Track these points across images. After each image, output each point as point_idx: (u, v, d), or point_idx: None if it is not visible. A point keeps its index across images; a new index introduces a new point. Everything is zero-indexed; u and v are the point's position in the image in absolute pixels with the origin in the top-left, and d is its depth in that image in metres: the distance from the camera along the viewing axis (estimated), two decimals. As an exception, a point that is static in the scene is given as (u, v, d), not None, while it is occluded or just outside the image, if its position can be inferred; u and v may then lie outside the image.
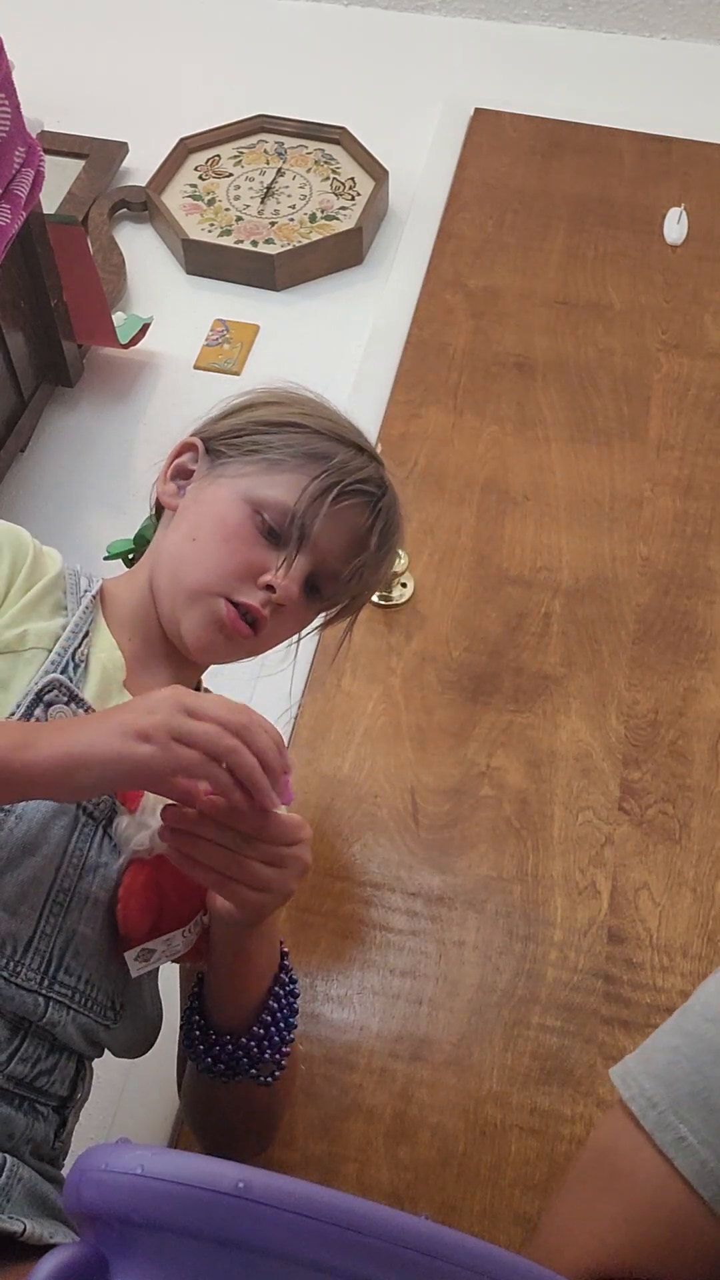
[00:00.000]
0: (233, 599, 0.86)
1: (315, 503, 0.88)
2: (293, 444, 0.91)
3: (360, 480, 0.90)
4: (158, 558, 0.92)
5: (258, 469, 0.90)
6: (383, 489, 0.93)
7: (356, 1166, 1.14)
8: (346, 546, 0.91)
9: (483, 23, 2.49)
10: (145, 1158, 0.34)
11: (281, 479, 0.89)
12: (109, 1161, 0.34)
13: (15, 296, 1.61)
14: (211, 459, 0.94)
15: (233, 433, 0.94)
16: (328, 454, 0.91)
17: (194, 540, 0.88)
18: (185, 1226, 0.32)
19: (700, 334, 1.88)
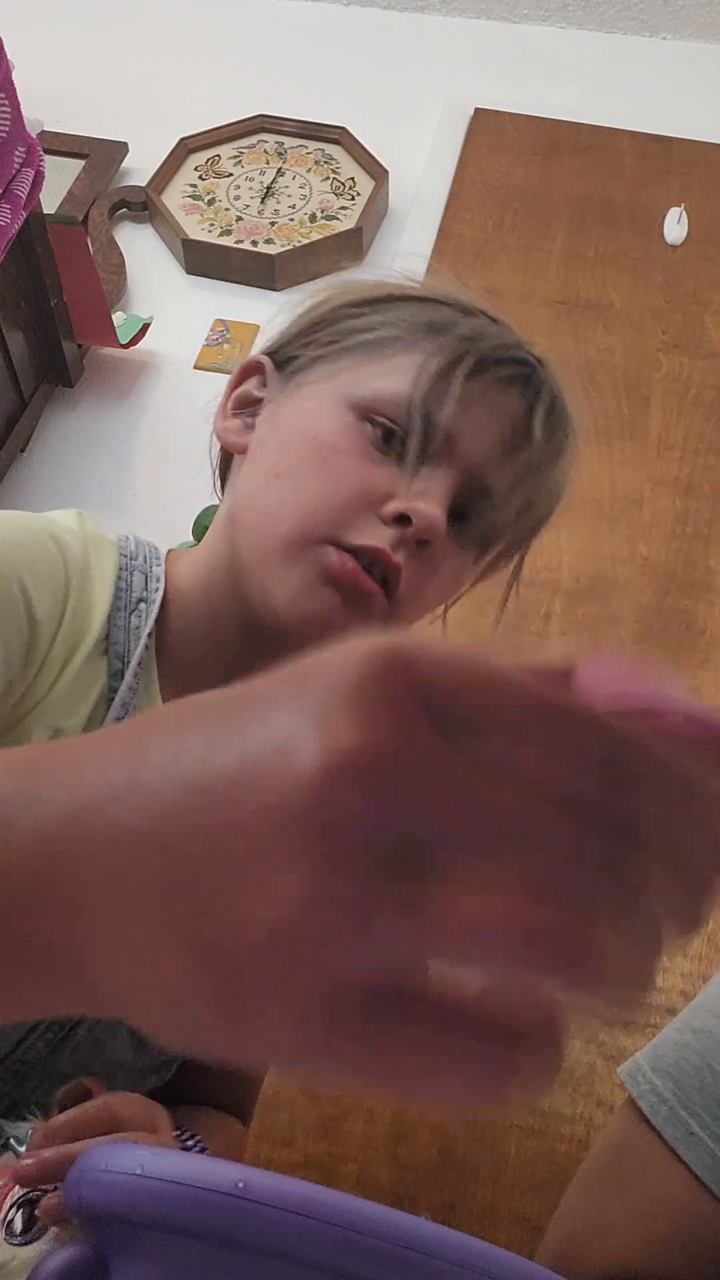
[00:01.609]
0: (346, 542, 0.59)
1: (442, 380, 0.61)
2: (400, 319, 0.65)
3: (503, 346, 0.66)
4: (231, 520, 0.66)
5: (354, 361, 0.64)
6: (536, 357, 0.68)
7: (356, 1166, 1.14)
8: (500, 447, 0.64)
9: (483, 23, 2.49)
10: (145, 1158, 0.34)
11: (393, 365, 0.63)
12: (109, 1162, 0.34)
13: (15, 296, 1.61)
14: (285, 375, 0.68)
15: (311, 327, 0.69)
16: (449, 322, 0.65)
17: (278, 476, 0.63)
18: (185, 1226, 0.32)
19: (700, 334, 1.88)
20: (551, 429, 0.66)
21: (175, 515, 1.65)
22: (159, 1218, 0.33)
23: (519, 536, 0.70)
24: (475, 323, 0.66)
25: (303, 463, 0.62)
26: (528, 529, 0.70)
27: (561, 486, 0.69)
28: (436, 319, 0.65)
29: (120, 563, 0.65)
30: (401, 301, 0.67)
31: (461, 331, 0.64)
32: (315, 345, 0.67)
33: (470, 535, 0.65)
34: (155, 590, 0.65)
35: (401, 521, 0.60)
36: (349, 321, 0.66)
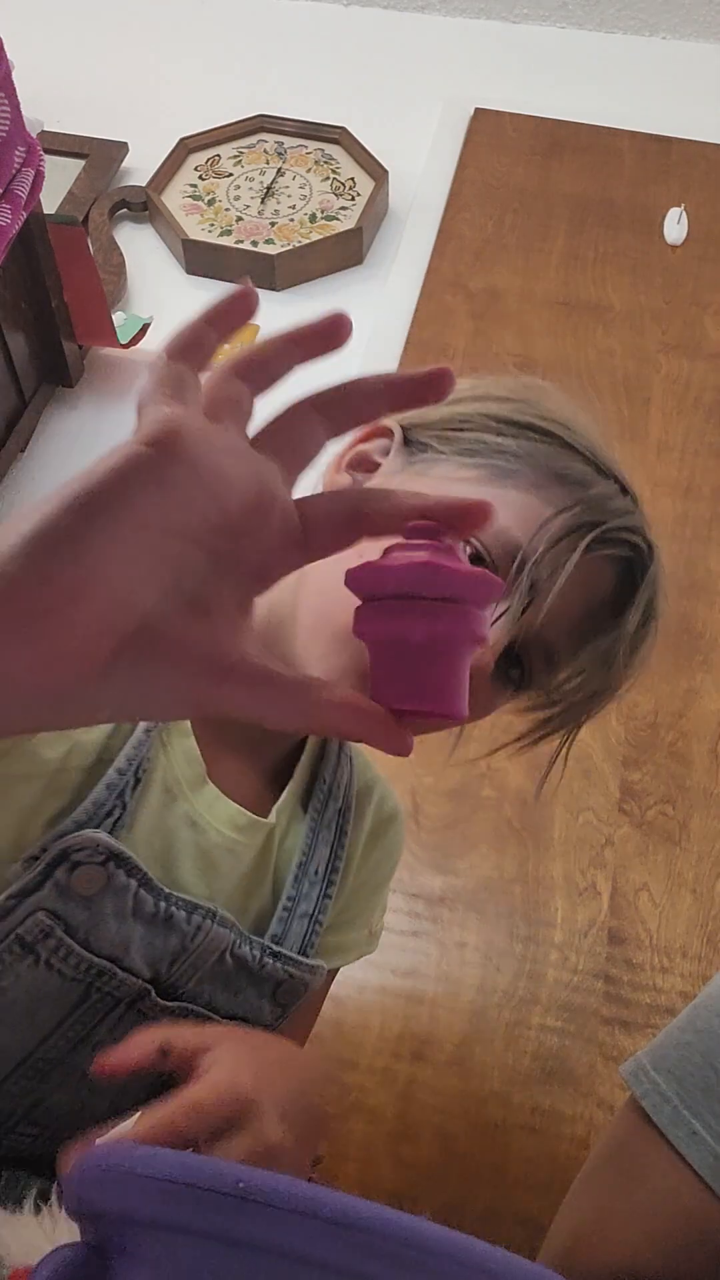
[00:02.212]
0: None
1: (560, 545, 0.61)
2: (536, 455, 0.65)
3: (626, 528, 0.64)
4: (302, 576, 0.60)
5: (478, 476, 0.64)
6: (650, 547, 0.67)
7: (358, 1166, 1.14)
8: (577, 619, 0.64)
9: (483, 23, 2.49)
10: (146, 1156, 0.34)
11: (510, 497, 0.63)
12: (110, 1160, 0.34)
13: (15, 296, 1.61)
14: (411, 453, 0.68)
15: (451, 423, 0.67)
16: (583, 480, 0.65)
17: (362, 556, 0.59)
18: (186, 1225, 0.32)
19: (700, 335, 1.88)
20: (644, 622, 0.66)
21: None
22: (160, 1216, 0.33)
23: (577, 708, 0.69)
24: (605, 489, 0.65)
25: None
26: (587, 705, 0.69)
27: (633, 676, 0.68)
28: (571, 471, 0.65)
29: None
30: (544, 436, 0.66)
31: (590, 495, 0.64)
32: (449, 443, 0.66)
33: (510, 682, 0.66)
34: None
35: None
36: (488, 436, 0.66)
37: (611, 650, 0.65)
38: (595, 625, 0.65)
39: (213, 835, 0.67)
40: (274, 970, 0.71)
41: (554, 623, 0.63)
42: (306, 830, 0.74)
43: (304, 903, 0.73)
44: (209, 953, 0.67)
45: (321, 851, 0.74)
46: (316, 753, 0.76)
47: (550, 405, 0.69)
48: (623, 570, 0.65)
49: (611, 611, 0.65)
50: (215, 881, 0.67)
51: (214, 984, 0.69)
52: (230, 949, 0.68)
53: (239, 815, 0.68)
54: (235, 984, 0.70)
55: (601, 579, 0.65)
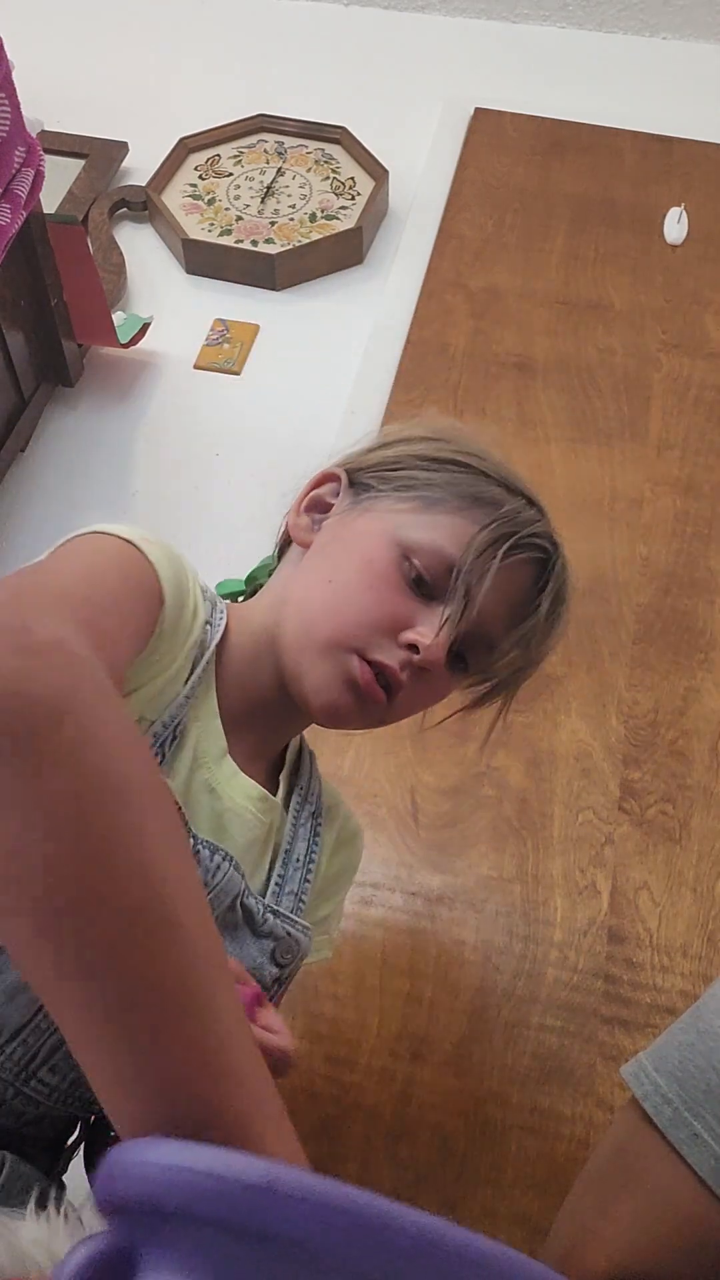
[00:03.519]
0: (368, 656, 0.74)
1: (484, 555, 0.75)
2: (457, 484, 0.78)
3: (534, 534, 0.79)
4: (284, 600, 0.79)
5: (412, 507, 0.78)
6: (555, 547, 0.82)
7: (357, 1166, 1.14)
8: (507, 611, 0.78)
9: (483, 23, 2.49)
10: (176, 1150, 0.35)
11: (440, 521, 0.77)
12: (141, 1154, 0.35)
13: (15, 296, 1.61)
14: (356, 493, 0.82)
15: (386, 465, 0.82)
16: (497, 500, 0.78)
17: (331, 583, 0.76)
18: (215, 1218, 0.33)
19: (700, 334, 1.88)
20: (553, 608, 0.81)
21: (175, 515, 1.66)
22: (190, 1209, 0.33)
23: (507, 682, 0.84)
24: (516, 504, 0.79)
25: (353, 580, 0.76)
26: (515, 679, 0.84)
27: (549, 651, 0.84)
28: (486, 494, 0.78)
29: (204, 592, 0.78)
30: (461, 468, 0.79)
31: (504, 512, 0.78)
32: (386, 482, 0.80)
33: (461, 669, 0.80)
34: (220, 618, 0.78)
35: (412, 649, 0.74)
36: (417, 472, 0.79)
37: (529, 633, 0.79)
38: (519, 615, 0.79)
39: (227, 802, 0.76)
40: (274, 926, 0.78)
41: (488, 618, 0.77)
42: (289, 824, 0.84)
43: (290, 882, 0.83)
44: (224, 894, 0.74)
45: (300, 845, 0.84)
46: (294, 762, 0.87)
47: (464, 440, 0.84)
48: (537, 568, 0.80)
49: (530, 603, 0.79)
50: (225, 845, 0.74)
51: (224, 931, 0.74)
52: (240, 897, 0.75)
53: (253, 789, 0.78)
54: (240, 936, 0.77)
55: (521, 577, 0.79)
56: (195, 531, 1.60)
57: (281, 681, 0.78)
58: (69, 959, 0.41)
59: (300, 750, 0.89)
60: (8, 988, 0.69)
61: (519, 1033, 1.21)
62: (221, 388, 1.82)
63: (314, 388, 1.81)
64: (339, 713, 0.75)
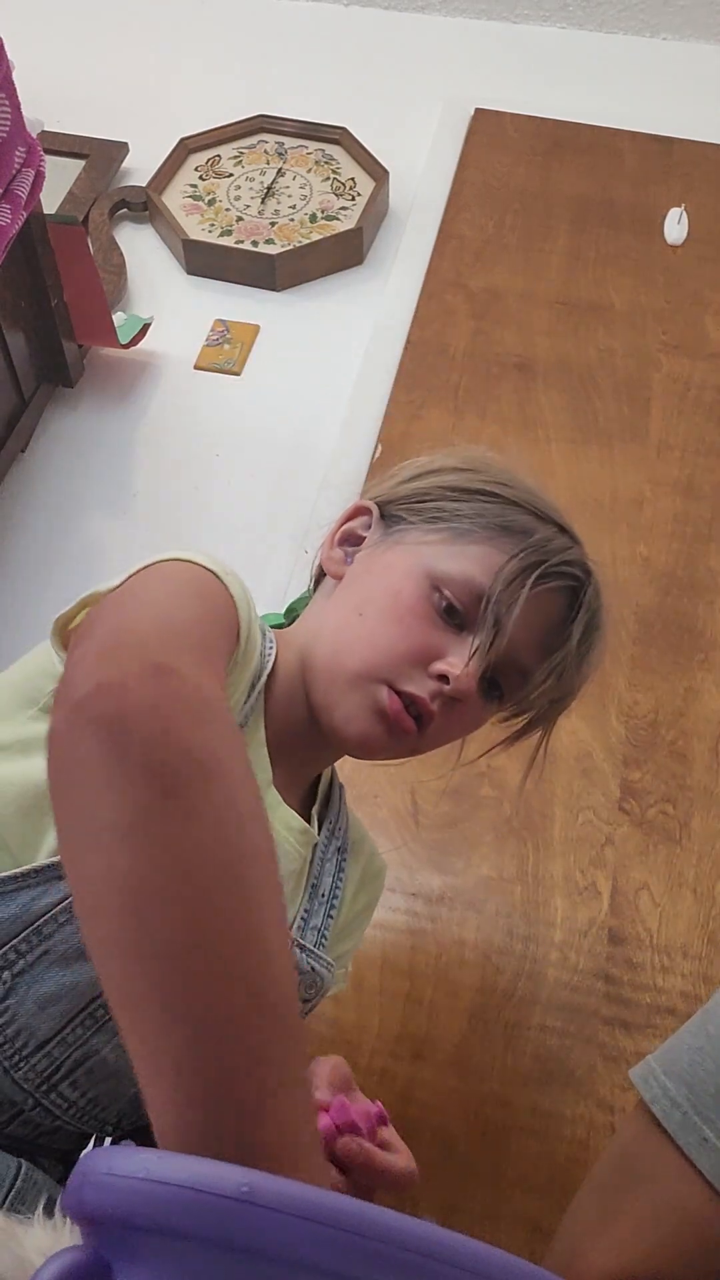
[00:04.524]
0: (397, 687, 0.74)
1: (513, 585, 0.75)
2: (485, 514, 0.79)
3: (565, 562, 0.78)
4: (316, 632, 0.80)
5: (441, 539, 0.78)
6: (588, 575, 0.80)
7: (357, 1167, 1.14)
8: (539, 641, 0.78)
9: (483, 23, 2.49)
10: (150, 1161, 0.33)
11: (470, 551, 0.77)
12: (112, 1165, 0.34)
13: (15, 296, 1.61)
14: (387, 525, 0.82)
15: (415, 497, 0.82)
16: (526, 529, 0.78)
17: (361, 615, 0.77)
18: (190, 1230, 0.32)
19: (701, 334, 1.88)
20: (585, 637, 0.79)
21: (175, 515, 1.66)
22: (163, 1222, 0.32)
23: (543, 714, 0.83)
24: (546, 533, 0.79)
25: (382, 612, 0.76)
26: (551, 710, 0.83)
27: (585, 680, 0.82)
28: (515, 523, 0.78)
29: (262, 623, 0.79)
30: (491, 498, 0.79)
31: (533, 541, 0.77)
32: (416, 514, 0.80)
33: (495, 699, 0.79)
34: (271, 649, 0.79)
35: (442, 679, 0.74)
36: (443, 503, 0.79)
37: (561, 664, 0.78)
38: (554, 642, 0.78)
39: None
40: (299, 961, 0.78)
41: (520, 647, 0.77)
42: (317, 857, 0.84)
43: (315, 916, 0.83)
44: None
45: (326, 880, 0.85)
46: (325, 795, 0.88)
47: (493, 470, 0.83)
48: (569, 596, 0.79)
49: (563, 631, 0.78)
50: None
51: None
52: None
53: (294, 820, 0.79)
54: None
55: (553, 606, 0.78)
56: (195, 531, 1.60)
57: (313, 713, 0.78)
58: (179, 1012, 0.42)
59: (331, 783, 0.89)
60: (40, 998, 0.69)
61: (519, 1034, 1.21)
62: (221, 388, 1.82)
63: (314, 388, 1.81)
64: (369, 744, 0.76)
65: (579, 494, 1.68)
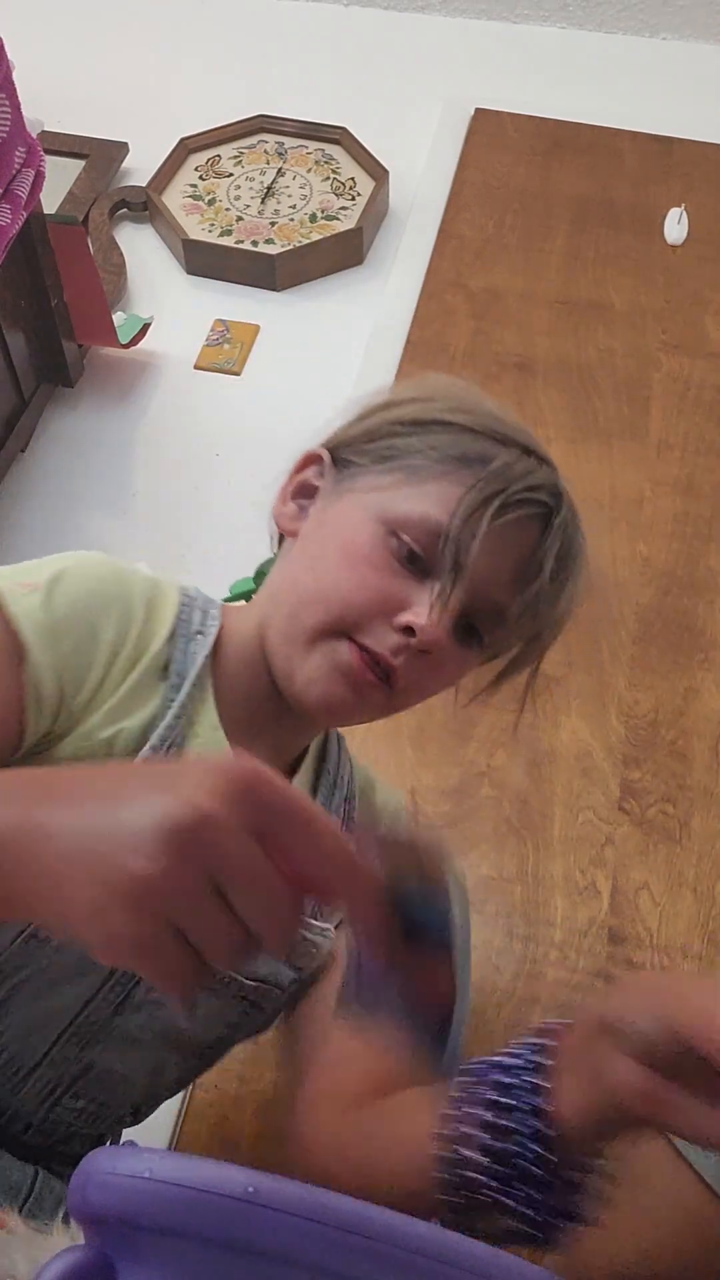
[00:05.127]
0: (359, 641, 0.69)
1: (472, 518, 0.68)
2: (439, 446, 0.71)
3: (529, 488, 0.71)
4: (271, 597, 0.75)
5: (395, 480, 0.71)
6: (557, 499, 0.73)
7: (357, 1167, 1.14)
8: (511, 575, 0.71)
9: (483, 23, 2.49)
10: (153, 1161, 0.34)
11: (425, 490, 0.70)
12: (116, 1165, 0.34)
13: (15, 296, 1.61)
14: (339, 472, 0.75)
15: (364, 436, 0.75)
16: (484, 456, 0.71)
17: (314, 572, 0.71)
18: (194, 1231, 0.32)
19: (700, 334, 1.88)
20: (560, 566, 0.72)
21: (175, 515, 1.66)
22: (168, 1222, 0.33)
23: (529, 652, 0.77)
24: (507, 458, 0.71)
25: (336, 565, 0.70)
26: (532, 650, 0.76)
27: (566, 615, 0.75)
28: (472, 451, 0.71)
29: (182, 601, 0.74)
30: (443, 428, 0.72)
31: (494, 468, 0.70)
32: (366, 456, 0.74)
33: (475, 643, 0.73)
34: (211, 625, 0.74)
35: (408, 631, 0.68)
36: (394, 440, 0.73)
37: (535, 598, 0.71)
38: (528, 575, 0.71)
39: None
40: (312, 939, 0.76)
41: (491, 586, 0.70)
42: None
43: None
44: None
45: None
46: (319, 749, 0.83)
47: (448, 397, 0.76)
48: (540, 524, 0.72)
49: (539, 559, 0.71)
50: None
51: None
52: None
53: None
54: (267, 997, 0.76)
55: (523, 538, 0.71)
56: (195, 531, 1.60)
57: (277, 684, 0.74)
58: None
59: (326, 737, 0.84)
60: (21, 1029, 0.69)
61: (520, 1033, 1.21)
62: (221, 388, 1.82)
63: (314, 388, 1.81)
64: (335, 706, 0.70)
65: (579, 493, 1.66)
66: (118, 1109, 0.78)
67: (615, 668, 1.49)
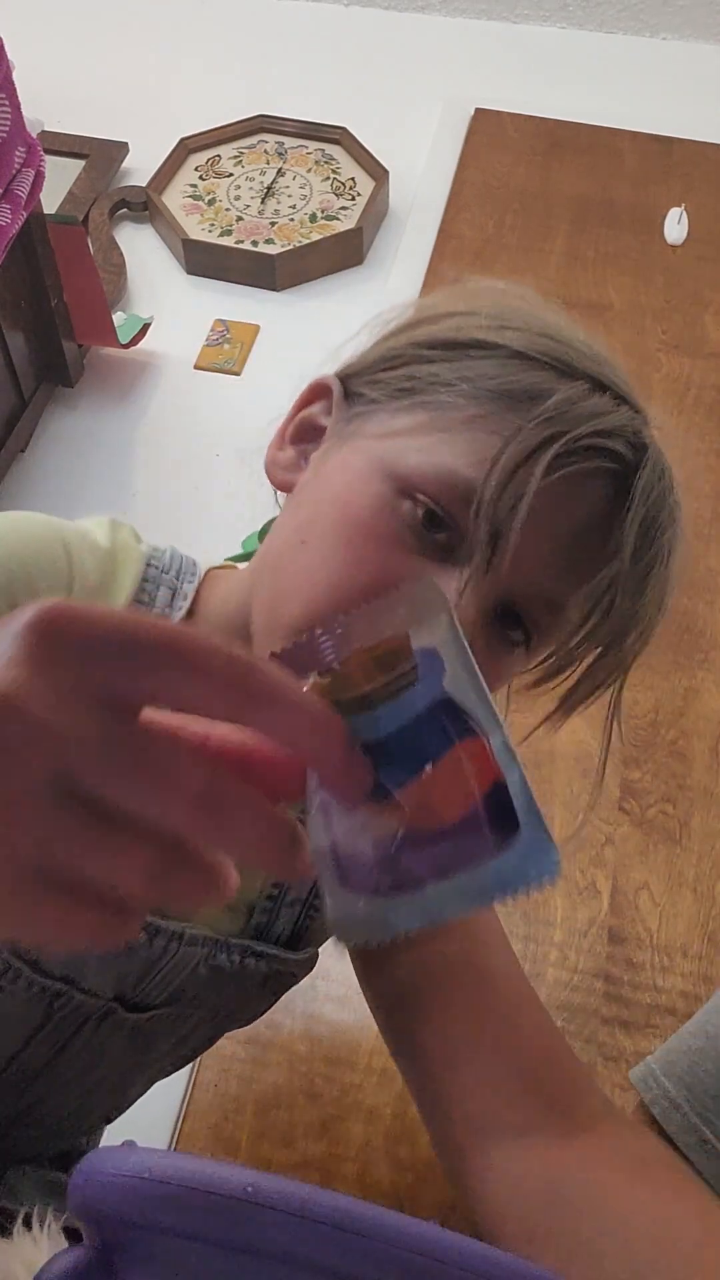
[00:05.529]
0: None
1: (518, 476, 0.50)
2: (475, 376, 0.52)
3: (600, 433, 0.52)
4: (258, 568, 0.60)
5: (414, 422, 0.53)
6: (640, 451, 0.55)
7: (357, 1167, 1.14)
8: (571, 552, 0.53)
9: (483, 23, 2.49)
10: (152, 1160, 0.34)
11: (453, 437, 0.52)
12: (115, 1164, 0.34)
13: (15, 296, 1.61)
14: (350, 407, 0.58)
15: (382, 361, 0.57)
16: (536, 391, 0.52)
17: (303, 541, 0.54)
18: (193, 1230, 0.32)
19: (700, 334, 1.88)
20: (644, 542, 0.54)
21: (175, 515, 1.66)
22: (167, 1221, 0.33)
23: (604, 664, 0.58)
24: (569, 393, 0.52)
25: (328, 536, 0.53)
26: (615, 659, 0.57)
27: (655, 612, 0.57)
28: (519, 386, 0.52)
29: (147, 574, 0.61)
30: (484, 351, 0.53)
31: (547, 410, 0.51)
32: (381, 388, 0.55)
33: (518, 636, 0.55)
34: (179, 608, 0.60)
35: None
36: (417, 367, 0.54)
37: (610, 588, 0.53)
38: (593, 556, 0.52)
39: None
40: (256, 970, 0.65)
41: (540, 565, 0.52)
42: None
43: (296, 889, 0.67)
44: (179, 970, 0.62)
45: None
46: None
47: (493, 309, 0.56)
48: (612, 484, 0.53)
49: (610, 532, 0.53)
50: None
51: (192, 988, 0.65)
52: (203, 961, 0.63)
53: None
54: (217, 985, 0.65)
55: (586, 500, 0.52)
56: (195, 531, 1.60)
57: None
58: None
59: None
60: None
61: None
62: (221, 388, 1.82)
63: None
64: None
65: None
66: (82, 1124, 0.74)
67: (615, 668, 1.49)
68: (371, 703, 0.33)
